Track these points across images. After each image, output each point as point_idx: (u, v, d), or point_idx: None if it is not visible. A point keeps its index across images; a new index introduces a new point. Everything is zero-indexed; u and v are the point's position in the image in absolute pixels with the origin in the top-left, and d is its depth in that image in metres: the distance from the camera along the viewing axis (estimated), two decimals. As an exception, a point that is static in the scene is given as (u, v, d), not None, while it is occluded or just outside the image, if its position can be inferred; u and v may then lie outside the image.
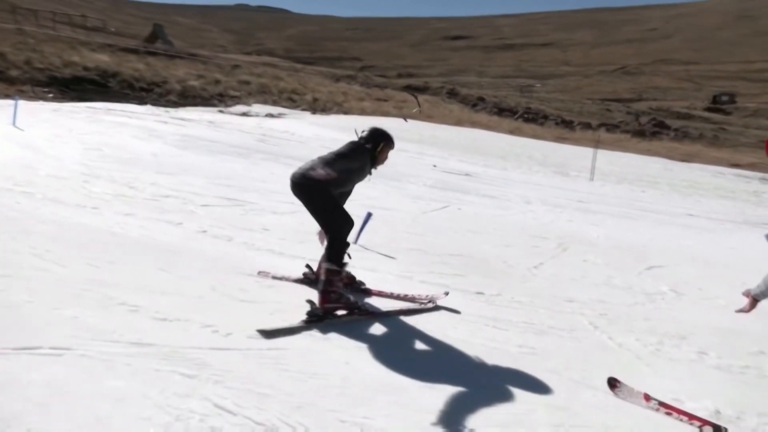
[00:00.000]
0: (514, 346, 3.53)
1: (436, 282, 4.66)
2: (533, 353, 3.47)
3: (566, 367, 3.31)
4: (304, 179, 3.57)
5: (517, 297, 4.54)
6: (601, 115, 51.69)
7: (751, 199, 16.28)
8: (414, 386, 2.86)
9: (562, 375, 3.21)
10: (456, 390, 2.87)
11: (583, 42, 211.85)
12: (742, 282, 5.96)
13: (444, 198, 9.73)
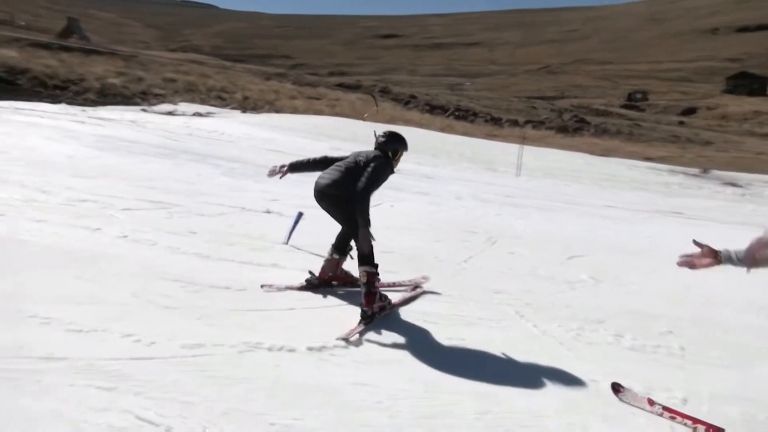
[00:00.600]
0: (444, 339, 3.61)
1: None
2: (462, 345, 3.56)
3: (493, 355, 3.42)
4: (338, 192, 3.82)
5: (447, 291, 4.64)
6: (527, 112, 53.78)
7: (662, 190, 17.48)
8: (345, 384, 2.86)
9: (489, 363, 3.32)
10: (387, 385, 2.89)
11: (509, 42, 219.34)
12: (653, 268, 6.42)
13: (376, 195, 9.78)
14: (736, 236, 8.87)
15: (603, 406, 2.95)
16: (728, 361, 3.78)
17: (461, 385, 3.00)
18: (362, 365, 3.11)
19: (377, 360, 3.20)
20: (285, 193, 8.84)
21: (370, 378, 2.96)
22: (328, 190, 3.86)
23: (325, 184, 3.89)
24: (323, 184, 3.90)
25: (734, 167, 29.07)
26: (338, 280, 4.39)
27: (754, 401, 3.12)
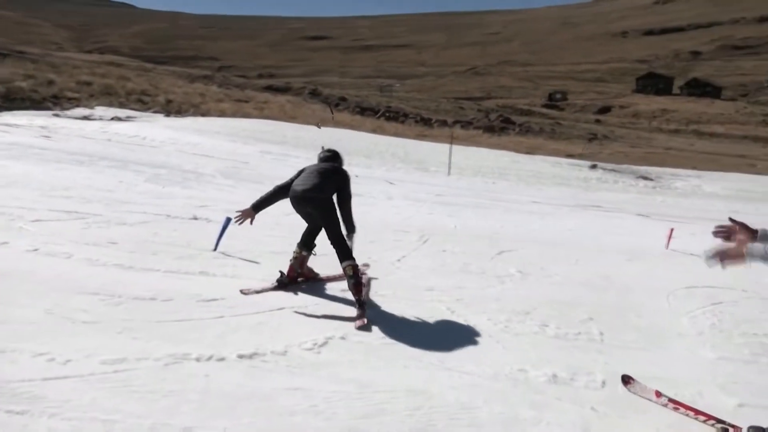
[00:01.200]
0: (377, 339, 3.63)
1: (300, 283, 4.63)
2: (395, 343, 3.59)
3: (425, 352, 3.48)
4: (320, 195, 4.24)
5: (380, 291, 4.67)
6: (456, 112, 55.10)
7: (582, 185, 18.44)
8: (279, 390, 2.81)
9: (422, 360, 3.37)
10: (321, 388, 2.87)
11: (436, 44, 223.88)
12: (576, 259, 6.75)
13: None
14: (647, 226, 9.43)
15: (531, 394, 3.07)
16: (642, 344, 4.05)
17: (395, 383, 3.03)
18: (296, 369, 3.07)
19: (311, 363, 3.17)
20: (213, 198, 8.58)
21: (304, 382, 2.93)
22: (309, 194, 4.21)
23: (304, 189, 4.23)
24: (302, 189, 4.24)
25: (646, 162, 31.13)
26: (304, 276, 4.70)
27: (663, 379, 3.35)
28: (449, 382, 3.13)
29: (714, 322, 4.66)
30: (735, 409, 3.05)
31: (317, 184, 4.25)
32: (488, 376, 3.22)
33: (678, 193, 18.72)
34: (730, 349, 4.05)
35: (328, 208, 4.24)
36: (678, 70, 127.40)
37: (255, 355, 3.15)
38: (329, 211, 4.25)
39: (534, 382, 3.22)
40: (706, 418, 2.90)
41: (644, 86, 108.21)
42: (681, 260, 7.30)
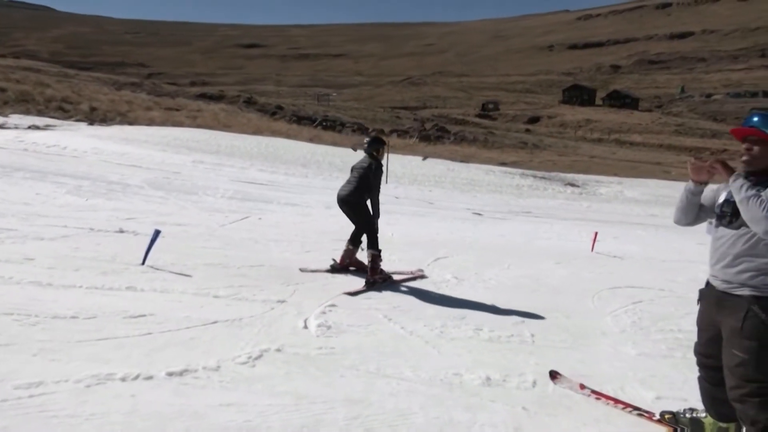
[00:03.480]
0: (314, 349, 3.59)
1: (234, 296, 4.52)
2: (332, 353, 3.57)
3: (363, 361, 3.48)
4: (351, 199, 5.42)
5: (318, 301, 4.63)
6: (392, 121, 55.79)
7: (514, 192, 19.14)
8: (211, 407, 2.72)
9: (359, 369, 3.37)
10: (256, 402, 2.81)
11: (373, 54, 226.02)
12: (508, 264, 6.97)
13: (244, 209, 9.50)
14: (574, 230, 9.85)
15: (466, 397, 3.14)
16: (570, 343, 4.23)
17: (333, 394, 3.01)
18: (229, 385, 2.98)
19: (245, 378, 3.09)
20: (141, 210, 8.24)
21: (238, 397, 2.85)
22: (348, 199, 5.44)
23: (340, 194, 5.51)
24: (342, 194, 5.48)
25: (573, 169, 32.73)
26: (353, 265, 5.75)
27: (589, 376, 3.52)
28: (387, 389, 3.14)
29: (635, 320, 4.94)
30: (653, 401, 3.24)
31: (350, 190, 5.41)
32: (424, 382, 3.26)
33: (602, 199, 19.77)
34: (649, 345, 4.31)
35: (357, 209, 5.42)
36: (600, 83, 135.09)
37: (185, 372, 3.04)
38: (358, 211, 5.43)
39: (468, 385, 3.29)
40: (624, 407, 3.09)
41: (570, 97, 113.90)
42: (605, 262, 7.70)
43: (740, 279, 2.38)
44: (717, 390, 2.52)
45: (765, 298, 2.32)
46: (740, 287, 2.39)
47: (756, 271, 2.34)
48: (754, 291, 2.34)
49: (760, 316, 2.31)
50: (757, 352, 2.31)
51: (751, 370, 2.31)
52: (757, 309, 2.32)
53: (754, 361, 2.31)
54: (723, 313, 2.45)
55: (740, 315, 2.36)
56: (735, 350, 2.36)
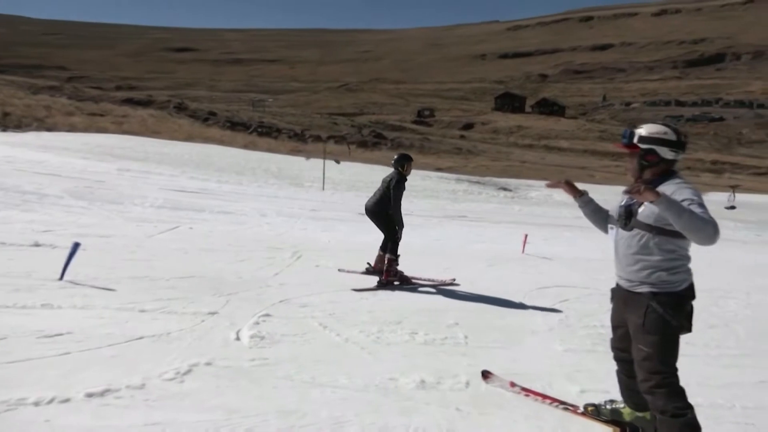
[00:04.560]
0: (247, 361, 3.50)
1: (162, 309, 4.33)
2: (266, 364, 3.49)
3: (298, 371, 3.42)
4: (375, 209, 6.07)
5: (252, 311, 4.52)
6: (330, 128, 55.59)
7: (450, 197, 19.54)
8: (135, 428, 2.59)
9: (293, 379, 3.31)
10: (183, 420, 2.70)
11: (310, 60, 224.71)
12: (444, 267, 7.09)
13: (174, 218, 9.16)
14: (506, 233, 10.14)
15: (401, 401, 3.15)
16: (502, 343, 4.35)
17: (265, 406, 2.94)
18: (155, 403, 2.85)
19: (173, 394, 2.96)
20: (60, 222, 7.77)
21: (165, 415, 2.73)
22: (373, 209, 6.04)
23: (367, 204, 6.13)
24: (369, 204, 6.10)
25: (506, 174, 33.85)
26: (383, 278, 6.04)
27: (520, 374, 3.63)
28: (322, 398, 3.11)
29: (562, 318, 5.16)
30: (578, 395, 3.39)
31: (375, 201, 6.04)
32: (359, 388, 3.25)
33: (532, 202, 20.55)
34: (575, 341, 4.50)
35: (380, 218, 6.02)
36: (530, 91, 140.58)
37: (107, 392, 2.88)
38: (381, 220, 6.02)
39: (403, 389, 3.31)
40: (551, 401, 3.22)
41: (502, 105, 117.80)
42: (534, 263, 8.00)
43: (639, 277, 2.53)
44: (632, 382, 2.67)
45: (662, 294, 2.48)
46: (640, 285, 2.54)
47: (652, 269, 2.49)
48: (652, 288, 2.49)
49: (658, 311, 2.46)
50: (660, 345, 2.46)
51: (656, 363, 2.46)
52: (656, 305, 2.47)
53: (657, 354, 2.45)
54: (628, 310, 2.60)
55: (642, 312, 2.50)
56: (640, 345, 2.51)
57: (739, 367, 4.16)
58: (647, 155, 2.55)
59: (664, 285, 2.48)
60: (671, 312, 2.46)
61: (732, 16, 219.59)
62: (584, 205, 2.85)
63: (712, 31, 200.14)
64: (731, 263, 9.22)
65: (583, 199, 2.84)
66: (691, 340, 3.44)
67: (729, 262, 9.34)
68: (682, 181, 2.48)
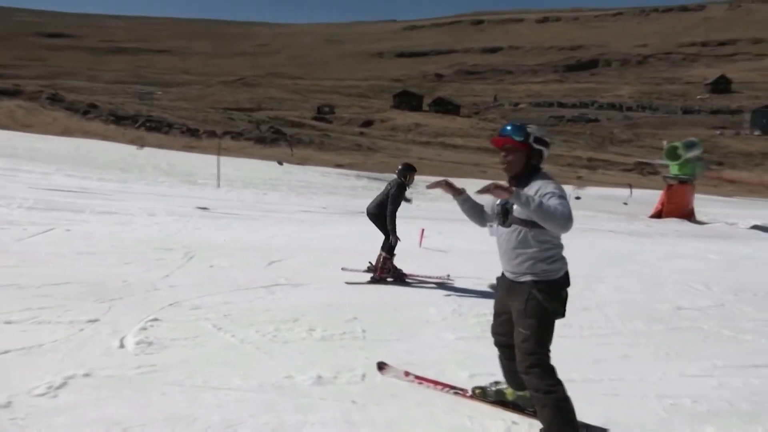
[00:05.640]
0: (132, 369, 3.30)
1: (33, 319, 3.95)
2: (153, 371, 3.31)
3: (188, 375, 3.28)
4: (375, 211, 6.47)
5: (139, 316, 4.26)
6: (225, 123, 53.60)
7: (350, 193, 19.65)
8: (-2, 451, 2.35)
9: (184, 384, 3.17)
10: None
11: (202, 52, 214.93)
12: (343, 264, 7.13)
13: (48, 220, 8.37)
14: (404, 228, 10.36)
15: (297, 398, 3.13)
16: (398, 335, 4.46)
17: (152, 414, 2.79)
18: (23, 421, 2.59)
19: (45, 411, 2.72)
20: None
21: (65, 427, 2.50)
22: (373, 211, 6.46)
23: (371, 207, 6.53)
24: (370, 207, 6.53)
25: (404, 170, 34.62)
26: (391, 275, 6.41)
27: (415, 364, 3.75)
28: (215, 401, 3.01)
29: (455, 308, 5.39)
30: (467, 379, 3.57)
31: (376, 204, 6.44)
32: (255, 389, 3.19)
33: (430, 198, 21.20)
34: (466, 329, 4.73)
35: (379, 220, 6.38)
36: (426, 90, 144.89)
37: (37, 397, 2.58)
38: (380, 221, 6.37)
39: (300, 386, 3.29)
40: (443, 387, 3.38)
41: (400, 103, 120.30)
42: (431, 256, 8.28)
43: (522, 269, 2.74)
44: (512, 364, 2.87)
45: (542, 282, 2.70)
46: (523, 275, 2.74)
47: (531, 260, 2.71)
48: (534, 277, 2.71)
49: (538, 298, 2.68)
50: (537, 328, 2.67)
51: (532, 345, 2.67)
52: (536, 292, 2.69)
53: (534, 336, 2.67)
54: (512, 298, 2.80)
55: (524, 298, 2.71)
56: (521, 329, 2.71)
57: (608, 344, 4.60)
58: (537, 155, 2.74)
59: (544, 274, 2.70)
60: (549, 298, 2.68)
61: (604, 26, 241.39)
62: (463, 202, 2.96)
63: (587, 39, 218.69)
64: (603, 252, 10.16)
65: (462, 198, 2.95)
66: (568, 323, 3.75)
67: (601, 250, 10.29)
68: (548, 178, 2.70)
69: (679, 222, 17.28)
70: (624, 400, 3.50)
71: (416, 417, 3.03)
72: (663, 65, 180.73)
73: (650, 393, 3.62)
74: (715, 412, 3.42)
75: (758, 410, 3.50)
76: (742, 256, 10.79)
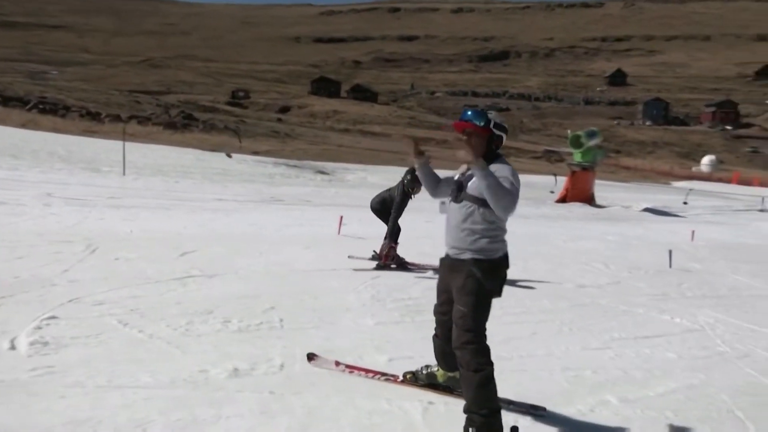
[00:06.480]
0: (25, 372, 3.04)
1: None
2: (51, 372, 3.07)
3: (91, 375, 3.08)
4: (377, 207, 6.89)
5: (34, 314, 3.93)
6: (131, 106, 50.42)
7: (267, 181, 19.19)
8: None
9: (86, 385, 2.97)
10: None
11: (103, 29, 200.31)
12: (260, 252, 6.97)
13: None
14: (323, 216, 10.38)
15: (211, 392, 3.03)
16: (317, 323, 4.44)
17: (50, 419, 2.59)
18: None
19: None
20: None
21: None
22: (376, 207, 6.87)
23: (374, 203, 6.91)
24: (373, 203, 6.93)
25: (323, 158, 34.35)
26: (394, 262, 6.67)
27: (333, 351, 3.75)
28: (121, 401, 2.84)
29: (374, 294, 5.44)
30: (386, 363, 3.62)
31: (378, 199, 6.85)
32: (165, 386, 3.05)
33: (349, 185, 21.22)
34: (384, 314, 4.79)
35: (384, 215, 6.72)
36: (344, 76, 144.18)
37: None
38: (384, 215, 6.71)
39: (214, 380, 3.19)
40: (374, 374, 3.40)
41: (318, 89, 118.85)
42: (350, 244, 8.29)
43: (465, 244, 2.81)
44: (447, 345, 2.94)
45: (481, 260, 2.79)
46: (464, 252, 2.82)
47: (475, 236, 2.79)
48: (474, 254, 2.80)
49: (477, 275, 2.77)
50: (474, 305, 2.76)
51: (469, 321, 2.75)
52: (476, 269, 2.78)
53: (471, 313, 2.75)
54: (453, 276, 2.88)
55: (463, 276, 2.80)
56: (459, 305, 2.80)
57: (518, 323, 4.84)
58: (497, 140, 2.86)
59: (484, 252, 2.79)
60: (487, 277, 2.78)
61: (514, 19, 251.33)
62: (422, 166, 3.00)
63: (499, 30, 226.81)
64: (513, 235, 10.65)
65: (422, 161, 2.98)
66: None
67: (511, 234, 10.77)
68: (506, 163, 2.81)
69: (581, 206, 18.45)
70: (532, 374, 3.71)
71: (335, 403, 3.03)
72: (567, 58, 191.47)
73: (556, 366, 3.86)
74: (612, 380, 3.71)
75: (648, 377, 3.84)
76: (635, 237, 11.73)
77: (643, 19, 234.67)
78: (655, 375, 3.87)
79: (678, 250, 8.91)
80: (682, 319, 5.37)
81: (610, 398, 3.42)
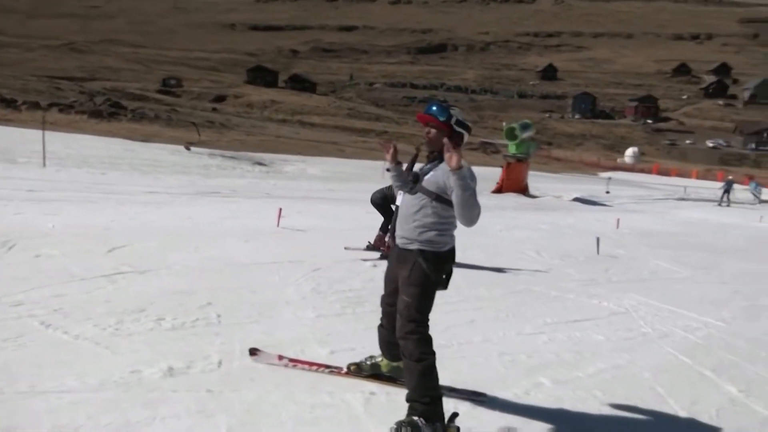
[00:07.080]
0: (-67, 381, 2.80)
1: None
2: (-37, 380, 2.84)
3: (10, 381, 2.87)
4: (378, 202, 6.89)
5: (-61, 318, 3.62)
6: (51, 93, 47.37)
7: (201, 172, 18.58)
8: None
9: (4, 392, 2.76)
10: None
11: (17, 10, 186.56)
12: (195, 246, 6.74)
13: None
14: (261, 208, 10.19)
15: (145, 393, 2.91)
16: (256, 317, 4.35)
17: (-38, 431, 2.40)
18: None
19: None
20: None
21: None
22: (377, 201, 6.81)
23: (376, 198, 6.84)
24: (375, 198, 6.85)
25: (261, 149, 33.62)
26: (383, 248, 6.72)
27: (273, 345, 3.69)
28: (44, 407, 2.67)
29: (314, 287, 5.39)
30: (328, 355, 3.61)
31: (380, 195, 6.81)
32: (94, 389, 2.89)
33: (288, 177, 20.91)
34: (326, 307, 4.76)
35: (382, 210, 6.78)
36: (282, 66, 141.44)
37: None
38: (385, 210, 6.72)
39: (148, 380, 3.06)
40: (318, 367, 3.37)
41: (254, 78, 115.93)
42: (289, 235, 8.18)
43: (413, 235, 2.84)
44: (392, 335, 2.96)
45: (427, 252, 2.82)
46: (412, 243, 2.85)
47: (423, 228, 2.83)
48: (421, 245, 2.83)
49: (422, 266, 2.80)
50: (419, 296, 2.79)
51: (413, 311, 2.78)
52: (422, 260, 2.81)
53: (416, 303, 2.78)
54: (400, 266, 2.90)
55: (409, 266, 2.83)
56: (404, 296, 2.82)
57: (456, 311, 4.94)
58: (457, 137, 2.85)
59: (431, 245, 2.82)
60: (432, 268, 2.81)
61: (451, 12, 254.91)
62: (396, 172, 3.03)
63: (436, 23, 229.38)
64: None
65: (398, 170, 3.02)
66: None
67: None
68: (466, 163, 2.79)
69: (516, 196, 19.08)
70: (470, 360, 3.80)
71: (275, 399, 2.99)
72: (502, 52, 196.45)
73: (492, 352, 3.97)
74: (545, 364, 3.86)
75: (578, 359, 4.03)
76: (566, 226, 12.27)
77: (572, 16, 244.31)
78: (584, 357, 4.07)
79: (605, 237, 9.40)
80: (609, 303, 5.68)
81: (544, 380, 3.56)
